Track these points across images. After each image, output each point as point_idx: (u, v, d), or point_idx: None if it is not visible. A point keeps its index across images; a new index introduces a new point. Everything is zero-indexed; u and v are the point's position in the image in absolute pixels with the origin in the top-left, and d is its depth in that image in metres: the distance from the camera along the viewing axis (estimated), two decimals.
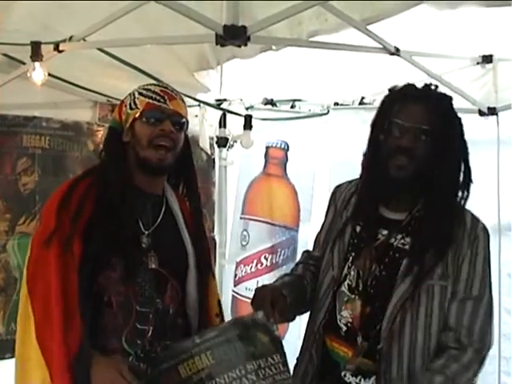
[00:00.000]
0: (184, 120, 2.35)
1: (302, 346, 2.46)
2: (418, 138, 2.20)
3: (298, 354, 2.48)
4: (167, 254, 2.33)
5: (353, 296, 2.27)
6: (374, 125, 2.35)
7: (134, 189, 2.32)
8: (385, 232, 2.29)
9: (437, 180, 2.23)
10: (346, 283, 2.30)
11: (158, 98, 2.30)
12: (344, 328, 2.28)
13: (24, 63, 3.59)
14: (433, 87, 2.32)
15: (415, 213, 2.27)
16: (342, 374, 2.25)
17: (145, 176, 2.34)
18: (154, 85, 2.39)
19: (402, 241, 2.26)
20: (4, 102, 3.85)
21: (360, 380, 2.23)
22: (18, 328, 2.20)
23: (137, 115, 2.30)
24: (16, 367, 2.19)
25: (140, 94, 2.34)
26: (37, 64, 3.34)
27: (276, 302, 2.18)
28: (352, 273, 2.29)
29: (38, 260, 2.20)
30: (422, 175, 2.22)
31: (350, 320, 2.26)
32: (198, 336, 2.17)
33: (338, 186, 2.56)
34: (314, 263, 2.52)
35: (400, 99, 2.29)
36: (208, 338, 2.11)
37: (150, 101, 2.30)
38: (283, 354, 2.13)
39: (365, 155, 2.38)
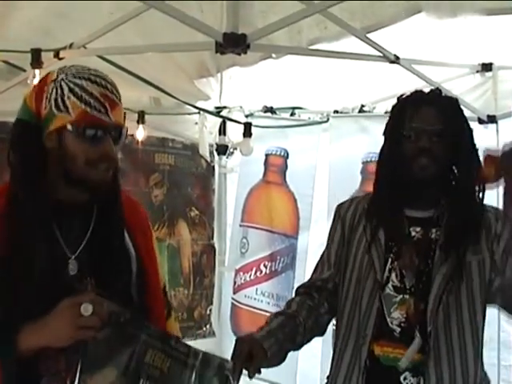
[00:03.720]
0: (123, 131, 1.88)
1: (339, 361, 2.41)
2: (434, 138, 2.29)
3: (328, 372, 2.47)
4: (106, 273, 1.92)
5: (401, 296, 2.30)
6: (389, 132, 2.43)
7: (57, 204, 1.87)
8: (418, 229, 2.35)
9: (457, 177, 2.35)
10: (389, 285, 2.32)
11: (97, 106, 1.80)
12: (398, 329, 2.28)
13: (24, 70, 3.59)
14: (438, 91, 2.44)
15: (441, 208, 2.35)
16: (402, 377, 2.25)
17: (71, 189, 1.88)
18: (91, 81, 1.83)
19: (438, 233, 2.33)
20: (4, 108, 3.85)
21: (420, 380, 2.24)
22: None
23: (68, 125, 1.80)
24: None
25: (72, 91, 1.80)
26: (37, 71, 3.34)
27: (255, 356, 2.13)
28: (394, 274, 2.32)
29: None
30: (444, 173, 2.33)
31: (404, 320, 2.28)
32: (174, 340, 2.01)
33: (341, 204, 2.57)
34: (315, 292, 2.47)
35: (411, 104, 2.37)
36: (178, 349, 1.99)
37: (88, 109, 1.79)
38: None
39: (380, 162, 2.45)
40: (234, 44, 2.83)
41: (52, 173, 1.86)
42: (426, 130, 2.29)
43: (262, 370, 2.15)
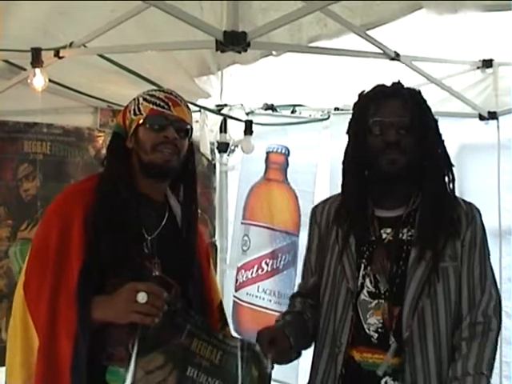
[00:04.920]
0: (188, 127, 2.33)
1: (315, 369, 2.40)
2: (400, 131, 2.24)
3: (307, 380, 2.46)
4: (171, 260, 2.29)
5: (377, 301, 2.26)
6: (353, 130, 2.39)
7: (138, 195, 2.29)
8: (389, 230, 2.30)
9: (425, 169, 2.28)
10: (364, 291, 2.28)
11: (161, 104, 2.28)
12: (375, 335, 2.25)
13: (25, 69, 3.60)
14: (399, 84, 2.38)
15: (412, 205, 2.31)
16: (383, 381, 2.23)
17: (148, 182, 2.31)
18: (159, 90, 2.37)
19: (410, 233, 2.28)
20: (5, 108, 3.86)
21: (401, 383, 2.22)
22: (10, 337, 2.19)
23: (140, 121, 2.28)
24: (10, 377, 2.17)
25: (144, 99, 2.31)
26: (37, 70, 3.35)
27: (278, 341, 2.18)
28: (368, 279, 2.28)
29: (34, 266, 2.19)
30: (412, 167, 2.26)
31: (380, 325, 2.25)
32: (222, 334, 2.21)
33: (316, 207, 2.55)
34: (309, 293, 2.49)
35: (374, 99, 2.33)
36: (227, 342, 2.15)
37: (154, 107, 2.27)
38: None
39: (346, 162, 2.40)
40: (234, 42, 2.84)
41: (134, 169, 2.31)
42: (392, 122, 2.24)
43: None
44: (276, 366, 2.22)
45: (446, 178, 2.32)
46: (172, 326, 2.06)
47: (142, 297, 2.01)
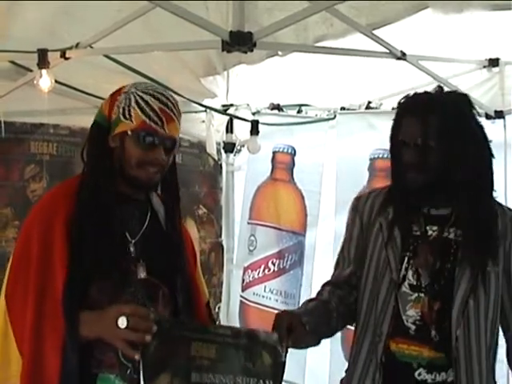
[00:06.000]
0: (176, 143, 2.20)
1: (356, 357, 2.45)
2: (420, 151, 2.28)
3: (346, 367, 2.51)
4: (157, 261, 2.21)
5: (417, 294, 2.32)
6: (391, 140, 2.44)
7: (120, 194, 2.20)
8: (434, 228, 2.36)
9: (466, 174, 2.31)
10: (406, 283, 2.34)
11: (155, 119, 2.11)
12: (413, 327, 2.31)
13: (31, 70, 3.60)
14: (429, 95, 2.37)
15: (458, 206, 2.35)
16: (417, 373, 2.29)
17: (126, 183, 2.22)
18: (154, 98, 2.14)
19: (456, 233, 2.34)
20: (11, 109, 3.87)
21: (435, 376, 2.29)
22: None
23: (129, 131, 2.13)
24: None
25: (137, 103, 2.13)
26: (44, 71, 3.35)
27: (294, 329, 2.17)
28: (411, 272, 2.34)
29: (17, 275, 2.10)
30: (439, 181, 2.30)
31: (419, 318, 2.30)
32: (212, 327, 2.19)
33: (358, 198, 2.59)
34: (342, 283, 2.51)
35: (402, 114, 2.37)
36: (220, 333, 2.11)
37: (147, 120, 2.10)
38: (277, 382, 2.12)
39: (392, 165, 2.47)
40: (240, 42, 2.84)
41: (115, 169, 2.18)
42: (411, 144, 2.29)
43: None
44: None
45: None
46: (169, 342, 2.01)
47: (121, 322, 1.93)
